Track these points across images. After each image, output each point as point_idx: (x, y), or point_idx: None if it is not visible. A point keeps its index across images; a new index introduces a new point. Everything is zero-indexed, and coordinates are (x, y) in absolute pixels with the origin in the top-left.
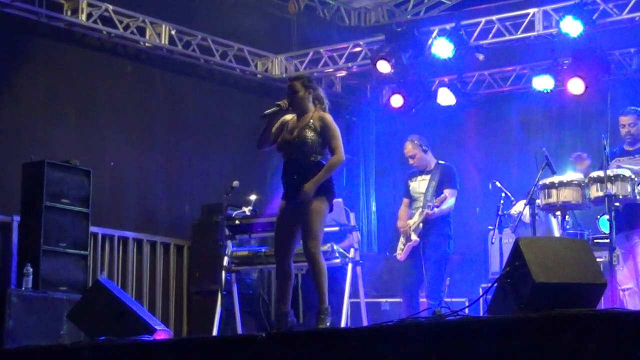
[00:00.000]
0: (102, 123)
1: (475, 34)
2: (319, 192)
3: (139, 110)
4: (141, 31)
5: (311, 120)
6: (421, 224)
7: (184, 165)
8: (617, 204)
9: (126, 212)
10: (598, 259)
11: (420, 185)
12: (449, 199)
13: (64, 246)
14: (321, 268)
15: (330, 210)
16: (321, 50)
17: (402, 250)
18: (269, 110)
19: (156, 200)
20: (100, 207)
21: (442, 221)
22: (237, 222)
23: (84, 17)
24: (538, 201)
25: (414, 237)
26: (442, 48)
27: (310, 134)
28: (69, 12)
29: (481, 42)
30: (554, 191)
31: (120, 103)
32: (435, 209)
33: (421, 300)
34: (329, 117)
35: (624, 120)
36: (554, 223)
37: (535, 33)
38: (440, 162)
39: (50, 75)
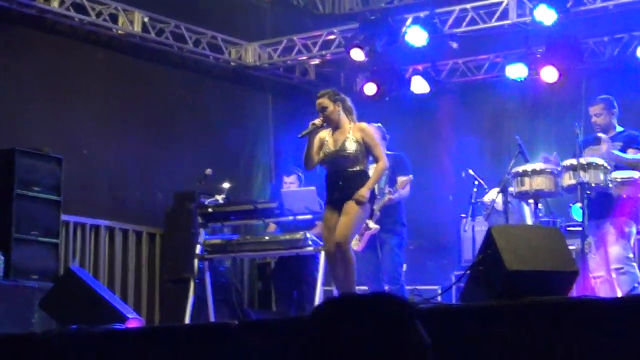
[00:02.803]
0: (74, 111)
1: (450, 22)
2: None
3: (112, 97)
4: (114, 18)
5: (351, 132)
6: (378, 212)
7: (156, 153)
8: (589, 192)
9: (98, 200)
10: (570, 247)
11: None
12: (407, 185)
13: (36, 234)
14: (351, 262)
15: (371, 216)
16: (295, 38)
17: (360, 240)
18: (305, 131)
19: (128, 188)
20: (72, 195)
21: (395, 209)
22: (209, 210)
23: (56, 3)
24: (511, 189)
25: (372, 225)
26: (416, 36)
27: (351, 146)
28: None
29: (455, 30)
30: (526, 179)
31: (92, 91)
32: (396, 194)
33: (387, 287)
34: (368, 128)
35: (592, 110)
36: (527, 211)
37: (509, 21)
38: (388, 152)
39: (22, 62)
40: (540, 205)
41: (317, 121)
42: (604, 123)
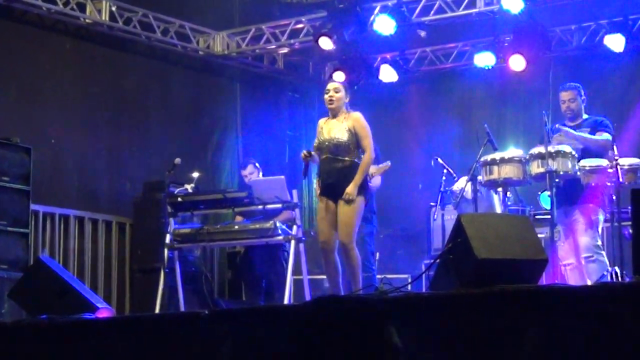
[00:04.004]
0: (42, 100)
1: (417, 10)
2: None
3: (80, 87)
4: (81, 7)
5: (345, 122)
6: None
7: (125, 142)
8: (557, 180)
9: (67, 190)
10: (539, 235)
11: None
12: (379, 176)
13: (5, 224)
14: (356, 261)
15: (366, 204)
16: (263, 27)
17: None
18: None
19: (98, 177)
20: (41, 185)
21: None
22: (179, 199)
23: None
24: (480, 177)
25: None
26: (384, 24)
27: (344, 135)
28: None
29: (423, 18)
30: (495, 167)
31: (60, 80)
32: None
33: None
34: (361, 118)
35: (564, 96)
36: (496, 199)
37: (476, 10)
38: None
39: None
40: (509, 194)
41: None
42: (577, 109)
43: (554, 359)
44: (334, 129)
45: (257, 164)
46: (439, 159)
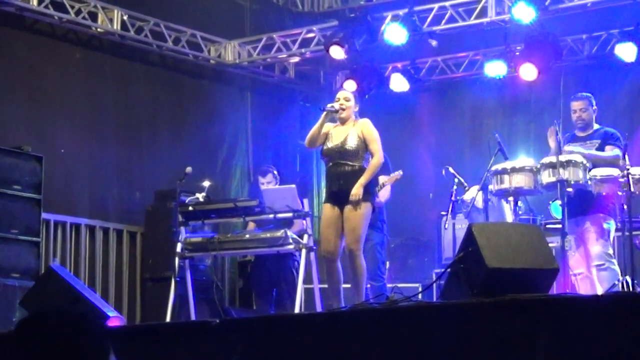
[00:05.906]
0: (53, 109)
1: (429, 19)
2: (363, 198)
3: (91, 96)
4: (93, 16)
5: (354, 129)
6: None
7: (136, 151)
8: (569, 189)
9: (78, 199)
10: (550, 244)
11: None
12: (389, 188)
13: (16, 233)
14: (362, 268)
15: (373, 211)
16: (274, 36)
17: None
18: (329, 106)
19: (108, 186)
20: (53, 194)
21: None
22: (190, 208)
23: (35, 1)
24: (491, 187)
25: None
26: (395, 34)
27: (354, 141)
28: None
29: (434, 28)
30: (506, 177)
31: (71, 89)
32: (382, 192)
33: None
34: (369, 123)
35: (575, 105)
36: (507, 209)
37: (488, 19)
38: None
39: (0, 61)
40: (520, 203)
41: (337, 105)
42: (588, 119)
43: None
44: (343, 135)
45: (275, 172)
46: (450, 168)
